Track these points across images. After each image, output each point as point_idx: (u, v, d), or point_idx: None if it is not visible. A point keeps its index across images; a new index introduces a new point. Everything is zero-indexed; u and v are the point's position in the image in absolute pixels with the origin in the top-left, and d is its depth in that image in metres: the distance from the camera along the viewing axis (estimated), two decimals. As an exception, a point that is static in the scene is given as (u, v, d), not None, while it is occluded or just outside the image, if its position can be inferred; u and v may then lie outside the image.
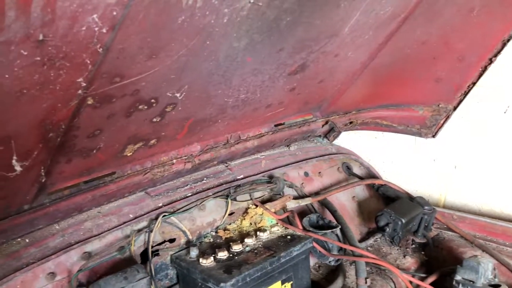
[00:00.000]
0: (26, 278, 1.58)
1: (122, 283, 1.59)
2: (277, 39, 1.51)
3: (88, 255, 1.72)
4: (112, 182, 1.70)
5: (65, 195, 1.58)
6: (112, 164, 1.65)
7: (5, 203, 1.35)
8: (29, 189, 1.37)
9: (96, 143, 1.42)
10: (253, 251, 1.92)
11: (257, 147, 2.18)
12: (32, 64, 0.92)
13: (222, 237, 2.05)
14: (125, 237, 1.82)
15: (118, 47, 1.07)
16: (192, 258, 1.88)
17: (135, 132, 1.53)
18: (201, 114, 1.69)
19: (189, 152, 1.90)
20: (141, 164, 1.76)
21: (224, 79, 1.55)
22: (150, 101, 1.40)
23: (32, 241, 1.64)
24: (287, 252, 1.89)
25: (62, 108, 1.12)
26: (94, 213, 1.81)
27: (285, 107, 2.07)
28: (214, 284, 1.73)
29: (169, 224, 1.94)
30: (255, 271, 1.78)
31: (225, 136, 2.01)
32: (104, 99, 1.23)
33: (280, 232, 2.06)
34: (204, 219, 2.05)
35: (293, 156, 2.45)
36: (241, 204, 2.17)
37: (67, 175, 1.51)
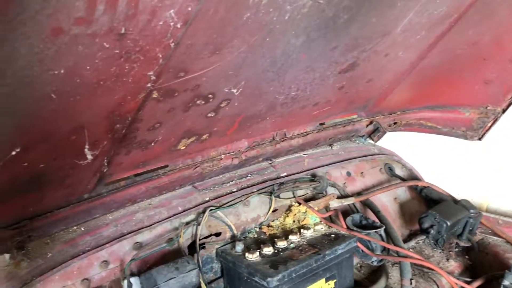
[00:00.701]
0: (82, 264, 1.64)
1: (173, 273, 1.63)
2: (332, 37, 1.52)
3: (139, 245, 1.77)
4: (165, 175, 1.75)
5: (121, 186, 1.63)
6: (165, 157, 1.69)
7: (68, 192, 1.41)
8: (91, 179, 1.43)
9: (155, 136, 1.47)
10: (297, 248, 1.93)
11: (301, 145, 2.19)
12: (111, 56, 0.96)
13: (266, 233, 2.08)
14: (173, 229, 1.87)
15: (186, 42, 1.10)
16: (237, 252, 1.91)
17: (190, 127, 1.56)
18: (251, 110, 1.72)
19: (237, 148, 1.93)
20: (192, 158, 1.80)
21: (278, 76, 1.57)
22: (208, 96, 1.43)
23: (87, 229, 1.70)
24: (332, 250, 1.90)
25: (130, 100, 1.16)
26: (145, 204, 1.86)
27: (331, 106, 2.07)
28: (261, 278, 1.75)
29: (215, 218, 1.98)
30: (301, 267, 1.80)
31: (271, 134, 2.03)
32: (167, 93, 1.27)
33: (324, 230, 2.07)
34: (248, 214, 2.08)
35: (336, 156, 2.45)
36: (284, 202, 2.19)
37: (124, 167, 1.56)
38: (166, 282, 1.61)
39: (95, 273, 1.65)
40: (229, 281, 1.93)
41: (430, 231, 2.20)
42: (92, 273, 1.65)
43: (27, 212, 1.36)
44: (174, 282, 1.62)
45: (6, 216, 1.29)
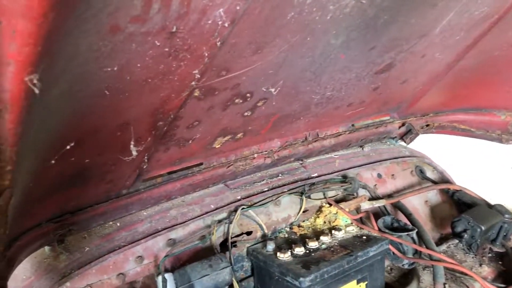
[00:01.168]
0: (117, 259, 1.67)
1: (207, 271, 1.64)
2: (371, 37, 1.51)
3: (172, 242, 1.79)
4: (199, 173, 1.76)
5: (157, 182, 1.65)
6: (201, 155, 1.70)
7: (108, 187, 1.43)
8: (130, 175, 1.45)
9: (193, 134, 1.48)
10: (329, 249, 1.92)
11: (333, 146, 2.18)
12: (161, 54, 0.97)
13: (297, 233, 2.08)
14: (206, 227, 1.88)
15: (231, 41, 1.11)
16: (269, 251, 1.91)
17: (226, 125, 1.57)
18: (287, 110, 1.72)
19: (269, 147, 1.94)
20: (226, 157, 1.82)
21: (315, 76, 1.57)
22: (246, 95, 1.44)
23: (122, 225, 1.73)
24: (364, 251, 1.89)
25: (174, 98, 1.18)
26: (178, 201, 1.89)
27: (365, 107, 2.06)
28: (293, 278, 1.75)
29: (246, 217, 1.99)
30: (333, 268, 1.79)
31: (303, 134, 2.03)
32: (208, 91, 1.28)
33: (355, 232, 2.06)
34: (279, 214, 2.08)
35: (367, 157, 2.43)
36: (315, 202, 2.19)
37: (162, 164, 1.58)
38: (200, 279, 1.62)
39: (130, 268, 1.68)
40: (259, 280, 1.94)
41: (464, 236, 2.16)
42: (127, 268, 1.68)
43: (69, 206, 1.39)
44: (208, 279, 1.63)
45: (50, 210, 1.32)
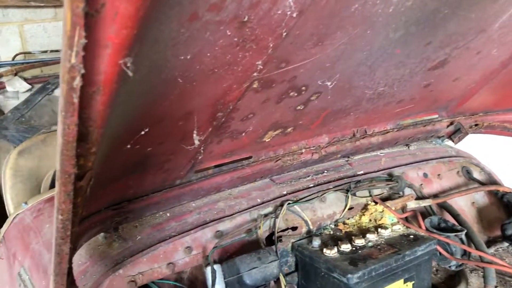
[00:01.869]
0: (167, 249, 1.70)
1: (256, 263, 1.66)
2: (429, 31, 1.49)
3: (220, 234, 1.81)
4: (248, 166, 1.77)
5: (208, 174, 1.67)
6: (250, 148, 1.71)
7: (164, 176, 1.46)
8: (186, 165, 1.47)
9: (246, 126, 1.49)
10: (376, 247, 1.90)
11: (380, 144, 2.16)
12: (229, 44, 0.99)
13: (342, 230, 2.06)
14: (252, 220, 1.89)
15: (295, 33, 1.11)
16: (314, 247, 1.91)
17: (278, 119, 1.58)
18: (338, 105, 1.71)
19: (317, 143, 1.93)
20: (274, 151, 1.82)
21: (370, 71, 1.56)
22: (301, 89, 1.44)
23: (172, 215, 1.76)
24: (412, 251, 1.86)
25: (235, 89, 1.19)
26: (225, 194, 1.90)
27: (414, 104, 2.02)
28: (340, 274, 1.74)
29: (292, 213, 1.99)
30: (381, 266, 1.77)
31: (351, 130, 2.02)
32: (266, 83, 1.29)
33: (402, 231, 2.03)
34: (324, 211, 2.07)
35: (413, 156, 2.39)
36: (360, 200, 2.17)
37: (214, 156, 1.60)
38: (249, 271, 1.63)
39: (179, 258, 1.71)
40: (304, 276, 1.94)
41: (515, 239, 2.10)
42: (177, 257, 1.70)
43: (127, 194, 1.42)
44: (256, 271, 1.64)
45: (110, 197, 1.35)
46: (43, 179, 3.10)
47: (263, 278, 1.65)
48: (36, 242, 1.76)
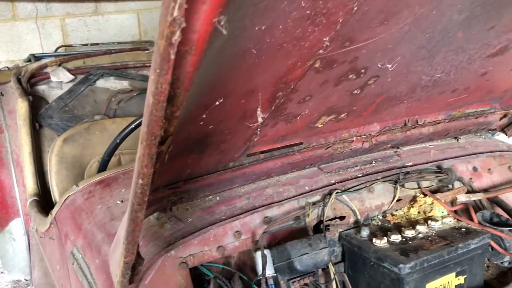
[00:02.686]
0: (217, 232, 1.70)
1: (306, 249, 1.64)
2: (494, 15, 1.44)
3: (268, 220, 1.80)
4: (299, 152, 1.76)
5: (260, 158, 1.67)
6: (302, 134, 1.70)
7: (219, 158, 1.46)
8: (240, 147, 1.47)
9: (302, 109, 1.48)
10: (426, 238, 1.86)
11: (431, 134, 2.11)
12: (301, 17, 0.97)
13: (391, 221, 2.02)
14: (300, 208, 1.88)
15: (364, 9, 1.09)
16: (363, 237, 1.88)
17: (334, 103, 1.56)
18: (393, 91, 1.68)
19: (368, 131, 1.90)
20: (325, 138, 1.80)
21: (429, 55, 1.52)
22: (360, 71, 1.42)
23: (222, 199, 1.76)
24: (465, 243, 1.80)
25: (298, 67, 1.18)
26: (273, 181, 1.89)
27: (468, 94, 1.97)
28: (391, 264, 1.70)
29: (340, 202, 1.96)
30: (433, 257, 1.73)
31: (403, 119, 1.97)
32: (328, 63, 1.27)
33: (453, 224, 1.97)
34: (372, 201, 2.03)
35: (462, 149, 2.33)
36: (408, 192, 2.12)
37: (267, 140, 1.59)
38: (300, 257, 1.62)
39: (229, 242, 1.71)
40: (351, 266, 1.91)
41: None
42: (226, 241, 1.70)
43: (184, 174, 1.43)
44: (307, 257, 1.62)
45: (169, 175, 1.36)
46: (86, 166, 3.17)
47: (313, 265, 1.63)
48: (88, 222, 1.79)
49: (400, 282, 1.69)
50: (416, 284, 1.72)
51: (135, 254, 0.96)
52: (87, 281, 1.62)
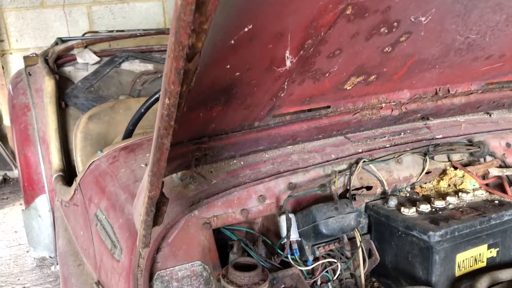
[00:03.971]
0: (241, 195, 1.67)
1: (332, 213, 1.60)
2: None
3: (293, 186, 1.77)
4: (326, 116, 1.72)
5: (286, 120, 1.63)
6: (330, 97, 1.65)
7: (245, 114, 1.43)
8: (266, 104, 1.44)
9: (331, 66, 1.43)
10: (457, 209, 1.79)
11: (463, 106, 2.03)
12: None
13: (419, 193, 1.96)
14: (325, 176, 1.84)
15: None
16: (391, 207, 1.83)
17: (364, 62, 1.51)
18: (425, 53, 1.61)
19: (398, 98, 1.84)
20: (354, 103, 1.75)
21: (465, 11, 1.45)
22: (393, 24, 1.36)
23: (246, 164, 1.73)
24: (498, 214, 1.74)
25: (330, 11, 1.13)
26: (299, 148, 1.86)
27: (504, 63, 1.88)
28: (420, 232, 1.65)
29: (367, 172, 1.91)
30: (464, 227, 1.66)
31: (434, 88, 1.90)
32: (359, 11, 1.22)
33: (485, 196, 1.90)
34: (400, 172, 1.98)
35: (495, 124, 2.24)
36: (438, 165, 2.06)
37: (293, 100, 1.55)
38: (326, 220, 1.58)
39: (253, 206, 1.68)
40: (378, 237, 1.85)
41: None
42: (250, 205, 1.68)
43: (209, 129, 1.40)
44: (333, 221, 1.58)
45: (194, 127, 1.34)
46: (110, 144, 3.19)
47: (340, 229, 1.59)
48: (113, 185, 1.79)
49: (429, 251, 1.64)
50: (446, 254, 1.66)
51: (159, 189, 0.93)
52: (110, 240, 1.61)
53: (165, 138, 0.81)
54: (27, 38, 6.02)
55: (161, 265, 1.48)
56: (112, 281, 1.58)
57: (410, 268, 1.72)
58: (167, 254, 1.50)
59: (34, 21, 6.00)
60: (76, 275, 1.88)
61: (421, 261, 1.68)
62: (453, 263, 1.69)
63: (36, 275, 3.95)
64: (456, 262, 1.70)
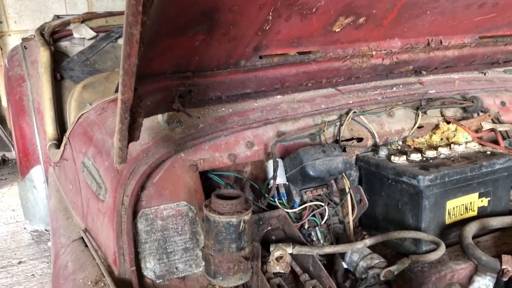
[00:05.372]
0: (229, 140, 1.65)
1: (319, 155, 1.58)
2: None
3: (282, 134, 1.75)
4: (315, 61, 1.69)
5: (274, 62, 1.61)
6: (318, 40, 1.63)
7: (230, 48, 1.41)
8: (252, 38, 1.41)
9: (318, 0, 1.41)
10: (448, 159, 1.77)
11: (456, 59, 2.00)
12: None
13: (411, 146, 1.94)
14: (315, 125, 1.82)
15: None
16: (381, 157, 1.81)
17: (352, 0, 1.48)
18: (415, -5, 1.59)
19: (389, 47, 1.81)
20: (343, 49, 1.72)
21: None
22: (380, -44, 1.34)
23: (235, 111, 1.72)
24: (490, 162, 1.71)
25: None
26: (288, 98, 1.84)
27: (497, 13, 1.85)
28: (410, 177, 1.63)
29: (358, 123, 1.89)
30: (454, 173, 1.64)
31: (426, 38, 1.88)
32: None
33: (478, 148, 1.88)
34: (392, 126, 1.95)
35: (490, 83, 2.21)
36: (431, 120, 2.03)
37: (280, 39, 1.52)
38: (312, 161, 1.56)
39: (240, 151, 1.66)
40: (368, 189, 1.83)
41: None
42: (238, 150, 1.66)
43: (192, 61, 1.38)
44: (320, 163, 1.56)
45: (176, 56, 1.32)
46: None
47: (327, 171, 1.57)
48: (100, 132, 1.77)
49: (419, 196, 1.62)
50: (436, 200, 1.64)
51: (132, 91, 0.91)
52: (96, 183, 1.60)
53: (134, 28, 0.79)
54: (25, 20, 6.01)
55: (146, 203, 1.46)
56: (98, 223, 1.57)
57: (400, 217, 1.70)
58: (152, 193, 1.48)
59: (32, 2, 5.99)
60: (65, 226, 1.87)
61: (411, 208, 1.66)
62: (443, 210, 1.67)
63: (33, 249, 3.95)
64: (446, 209, 1.68)
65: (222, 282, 1.29)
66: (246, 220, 1.26)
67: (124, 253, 1.39)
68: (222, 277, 1.29)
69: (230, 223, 1.24)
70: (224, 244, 1.26)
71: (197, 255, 1.46)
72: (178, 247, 1.47)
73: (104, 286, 1.34)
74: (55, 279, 1.61)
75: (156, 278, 1.43)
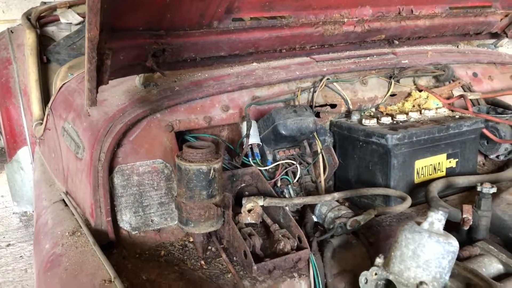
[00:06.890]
0: (205, 103, 1.71)
1: (291, 115, 1.64)
2: None
3: (257, 98, 1.80)
4: (287, 26, 1.75)
5: (247, 26, 1.66)
6: (291, 5, 1.68)
7: (202, 8, 1.46)
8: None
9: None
10: (418, 122, 1.84)
11: (428, 29, 2.07)
12: None
13: (383, 112, 2.00)
14: (290, 91, 1.87)
15: None
16: (353, 121, 1.87)
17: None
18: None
19: (361, 14, 1.87)
20: (315, 15, 1.78)
21: None
22: None
23: (211, 75, 1.77)
24: (457, 124, 1.78)
25: None
26: (264, 65, 1.89)
27: (466, -17, 1.92)
28: (379, 137, 1.69)
29: (331, 90, 1.95)
30: (422, 133, 1.71)
31: (397, 7, 1.94)
32: None
33: (447, 113, 1.95)
34: (365, 93, 2.01)
35: (462, 55, 2.28)
36: (403, 88, 2.09)
37: (252, 2, 1.58)
38: (284, 120, 1.62)
39: (216, 114, 1.71)
40: (341, 153, 1.89)
41: None
42: (214, 113, 1.71)
43: (165, 19, 1.43)
44: (292, 122, 1.62)
45: (147, 12, 1.36)
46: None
47: (298, 129, 1.62)
48: (80, 98, 1.82)
49: (387, 155, 1.68)
50: (404, 159, 1.70)
51: (98, 29, 0.95)
52: (74, 143, 1.64)
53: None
54: (14, 9, 6.02)
55: (122, 160, 1.51)
56: (76, 182, 1.62)
57: (371, 177, 1.76)
58: (128, 150, 1.53)
59: (21, -8, 5.99)
60: (47, 192, 1.91)
61: (381, 168, 1.72)
62: (412, 169, 1.73)
63: (21, 233, 3.98)
64: (415, 169, 1.74)
65: (194, 228, 1.35)
66: (216, 169, 1.31)
67: (101, 206, 1.44)
68: (194, 224, 1.34)
69: (200, 170, 1.29)
70: (195, 191, 1.31)
71: (172, 209, 1.52)
72: (153, 202, 1.52)
73: (80, 236, 1.39)
74: (36, 237, 1.65)
75: (132, 230, 1.48)
